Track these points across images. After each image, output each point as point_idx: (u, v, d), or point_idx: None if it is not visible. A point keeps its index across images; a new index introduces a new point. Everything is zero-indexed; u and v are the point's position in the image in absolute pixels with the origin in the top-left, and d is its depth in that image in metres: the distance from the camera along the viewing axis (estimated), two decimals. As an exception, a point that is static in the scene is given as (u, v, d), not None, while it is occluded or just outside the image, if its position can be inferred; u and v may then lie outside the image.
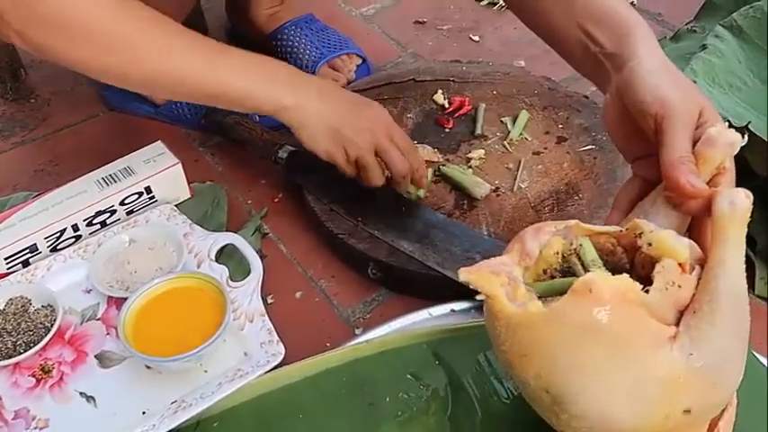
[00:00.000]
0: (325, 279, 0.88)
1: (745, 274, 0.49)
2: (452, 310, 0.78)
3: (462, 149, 0.97)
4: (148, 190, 0.92)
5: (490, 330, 0.52)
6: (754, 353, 0.69)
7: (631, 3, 1.32)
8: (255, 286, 0.80)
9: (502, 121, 1.01)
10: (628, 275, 0.48)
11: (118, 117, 1.14)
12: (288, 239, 0.93)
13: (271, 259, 0.90)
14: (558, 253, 0.54)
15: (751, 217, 0.89)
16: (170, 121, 1.11)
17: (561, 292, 0.49)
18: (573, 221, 0.54)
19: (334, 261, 0.90)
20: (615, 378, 0.48)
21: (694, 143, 0.56)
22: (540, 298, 0.49)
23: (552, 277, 0.54)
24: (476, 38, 1.27)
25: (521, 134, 0.99)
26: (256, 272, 0.81)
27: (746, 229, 0.50)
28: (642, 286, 0.48)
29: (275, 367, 0.72)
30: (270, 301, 0.85)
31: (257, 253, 0.85)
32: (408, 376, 0.69)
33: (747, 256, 0.86)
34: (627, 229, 0.54)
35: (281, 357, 0.74)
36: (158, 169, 0.92)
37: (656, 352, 0.47)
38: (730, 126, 0.81)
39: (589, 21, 0.69)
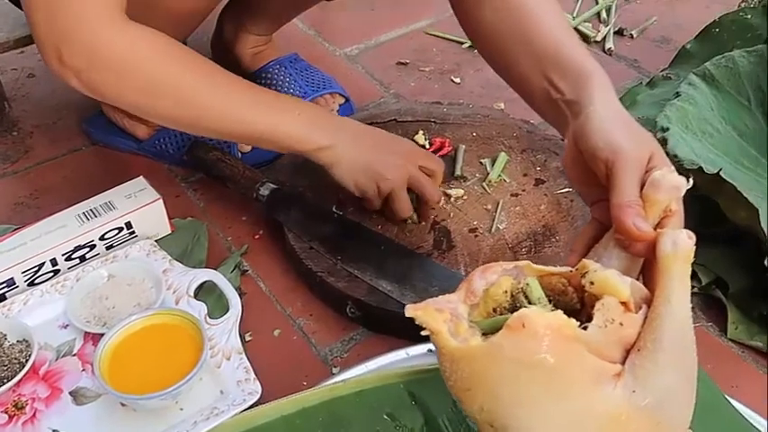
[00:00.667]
0: (303, 317, 0.89)
1: (690, 314, 0.50)
2: (430, 350, 0.78)
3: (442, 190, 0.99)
4: (129, 225, 0.92)
5: (440, 367, 0.53)
6: (726, 396, 0.70)
7: (608, 49, 1.35)
8: (233, 324, 0.80)
9: (481, 163, 1.03)
10: (562, 312, 0.49)
11: (100, 151, 1.14)
12: (267, 277, 0.94)
13: (250, 296, 0.90)
14: (506, 292, 0.55)
15: (722, 261, 0.91)
16: (152, 156, 1.11)
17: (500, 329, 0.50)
18: (524, 262, 0.55)
19: (313, 299, 0.90)
20: (554, 413, 0.48)
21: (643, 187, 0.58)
22: (485, 334, 0.50)
23: (501, 315, 0.55)
24: (457, 80, 1.30)
25: (499, 176, 1.00)
26: (235, 309, 0.82)
27: (690, 268, 0.50)
28: (582, 324, 0.49)
29: (252, 406, 0.72)
30: (248, 338, 0.85)
31: (236, 290, 0.85)
32: (385, 417, 0.69)
33: (719, 299, 0.88)
34: (576, 270, 0.56)
35: (258, 396, 0.74)
36: (139, 204, 0.92)
37: (595, 388, 0.48)
38: (696, 170, 0.84)
39: (552, 69, 0.73)
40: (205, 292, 0.86)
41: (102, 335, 0.76)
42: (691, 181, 0.56)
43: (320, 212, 0.94)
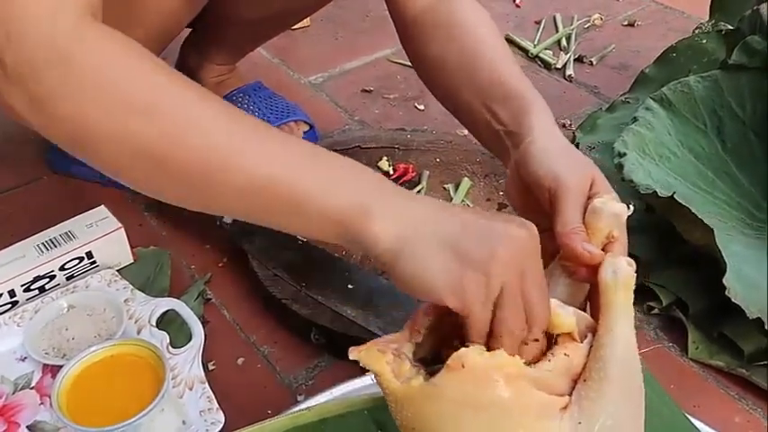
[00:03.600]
0: (267, 345, 0.88)
1: (634, 341, 0.50)
2: (395, 376, 0.78)
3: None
4: (89, 255, 0.91)
5: (388, 407, 0.53)
6: (687, 415, 0.70)
7: (569, 76, 1.38)
8: (196, 353, 0.80)
9: (444, 188, 1.04)
10: (503, 351, 0.48)
11: (61, 180, 1.13)
12: (231, 305, 0.93)
13: (213, 325, 0.89)
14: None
15: (681, 282, 0.92)
16: (115, 185, 1.10)
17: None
18: None
19: (278, 327, 0.89)
20: None
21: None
22: (431, 374, 0.50)
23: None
24: (421, 107, 1.31)
25: (463, 201, 1.01)
26: (197, 338, 0.81)
27: (632, 295, 0.51)
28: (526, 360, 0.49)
29: (215, 436, 0.71)
30: (211, 367, 0.84)
31: (200, 318, 0.84)
32: (349, 444, 0.69)
33: (680, 319, 0.89)
34: None
35: (221, 426, 0.73)
36: (100, 234, 0.91)
37: (542, 423, 0.48)
38: (652, 195, 0.85)
39: (493, 100, 0.72)
40: (167, 321, 0.85)
41: (62, 367, 0.75)
42: (632, 207, 0.57)
43: (284, 239, 0.94)
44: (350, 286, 0.87)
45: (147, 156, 0.54)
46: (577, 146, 1.16)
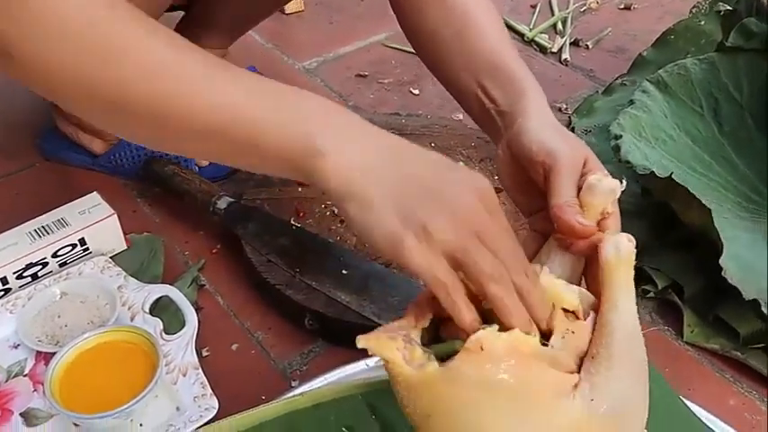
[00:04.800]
0: (261, 331, 0.87)
1: (636, 316, 0.51)
2: (389, 361, 0.78)
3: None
4: (82, 242, 0.90)
5: (395, 395, 0.53)
6: (682, 398, 0.70)
7: (565, 59, 1.37)
8: (190, 339, 0.79)
9: (440, 173, 1.03)
10: (518, 330, 0.49)
11: (54, 167, 1.12)
12: (225, 291, 0.92)
13: (207, 311, 0.89)
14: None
15: (677, 265, 0.91)
16: (108, 171, 1.09)
17: (455, 352, 0.50)
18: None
19: (272, 313, 0.89)
20: None
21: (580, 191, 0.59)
22: (441, 359, 0.49)
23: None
24: (416, 91, 1.30)
25: (458, 185, 1.00)
26: (191, 324, 0.80)
27: (633, 271, 0.52)
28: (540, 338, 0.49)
29: (209, 422, 0.71)
30: (205, 353, 0.83)
31: (193, 305, 0.84)
32: (344, 429, 0.68)
33: (675, 303, 0.89)
34: None
35: (215, 411, 0.72)
36: (93, 221, 0.91)
37: (557, 402, 0.48)
38: (649, 176, 0.85)
39: (486, 78, 0.73)
40: (161, 308, 0.85)
41: (55, 354, 0.74)
42: (624, 183, 0.58)
43: (278, 225, 0.94)
44: (344, 272, 0.87)
45: (102, 98, 0.54)
46: (573, 129, 1.15)
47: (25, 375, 0.78)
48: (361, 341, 0.49)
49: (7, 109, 1.23)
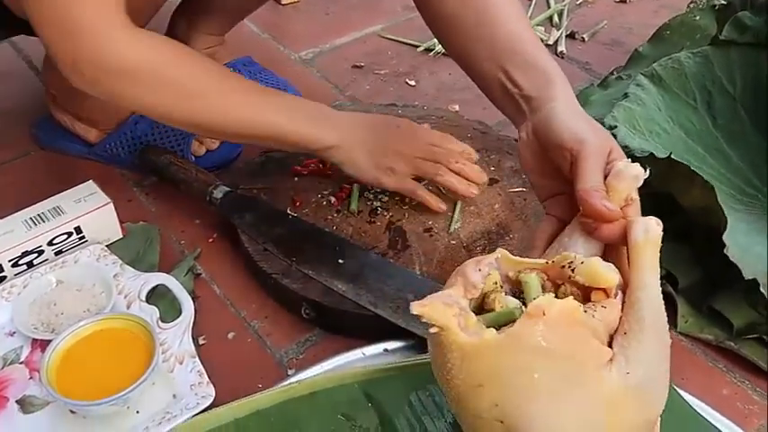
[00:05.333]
0: (258, 320, 0.88)
1: (661, 294, 0.53)
2: (385, 350, 0.79)
3: (397, 191, 0.99)
4: (78, 230, 0.90)
5: (441, 365, 0.53)
6: (675, 387, 0.71)
7: (560, 52, 1.37)
8: (186, 327, 0.79)
9: (436, 164, 1.03)
10: (571, 298, 0.51)
11: (49, 156, 1.12)
12: (221, 280, 0.93)
13: (203, 300, 0.89)
14: (496, 283, 0.56)
15: (672, 256, 0.92)
16: (104, 160, 1.09)
17: (506, 322, 0.51)
18: (498, 254, 0.56)
19: (268, 301, 0.89)
20: (566, 403, 0.49)
21: (605, 178, 0.61)
22: (490, 328, 0.50)
23: (491, 309, 0.55)
24: (412, 82, 1.30)
25: (454, 176, 1.01)
26: (187, 312, 0.80)
27: (659, 253, 0.54)
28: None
29: (205, 409, 0.71)
30: (201, 342, 0.84)
31: (190, 293, 0.84)
32: (340, 417, 0.69)
33: (669, 293, 0.90)
34: (553, 262, 0.56)
35: (212, 399, 0.73)
36: (89, 209, 0.91)
37: (599, 373, 0.49)
38: (647, 158, 0.85)
39: (509, 63, 0.76)
40: (157, 296, 0.85)
41: (51, 341, 0.74)
42: (648, 170, 0.59)
43: (274, 214, 0.94)
44: (340, 261, 0.87)
45: (186, 123, 0.85)
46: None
47: (21, 363, 0.79)
48: (416, 308, 0.49)
49: (2, 98, 1.23)
